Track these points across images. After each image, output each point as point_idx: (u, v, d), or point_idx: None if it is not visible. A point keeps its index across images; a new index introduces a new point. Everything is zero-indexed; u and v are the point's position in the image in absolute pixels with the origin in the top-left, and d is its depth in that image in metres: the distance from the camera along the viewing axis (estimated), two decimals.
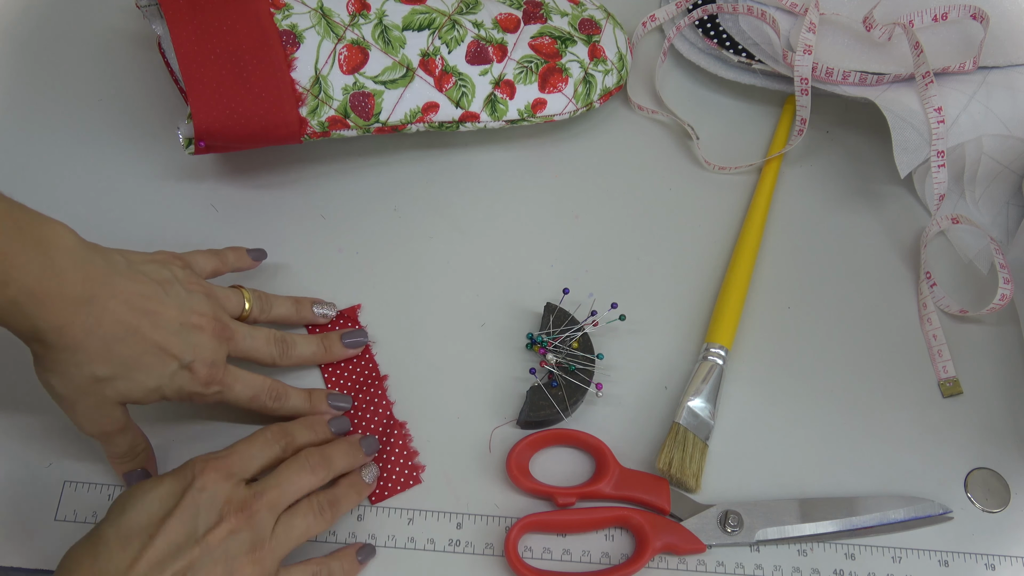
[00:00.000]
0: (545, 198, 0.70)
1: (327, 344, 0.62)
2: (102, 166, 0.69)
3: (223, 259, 0.61)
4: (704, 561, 0.58)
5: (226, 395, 0.56)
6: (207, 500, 0.50)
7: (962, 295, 0.68)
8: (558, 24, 0.70)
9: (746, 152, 0.73)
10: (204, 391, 0.55)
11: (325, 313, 0.63)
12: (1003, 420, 0.63)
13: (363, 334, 0.63)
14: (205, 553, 0.49)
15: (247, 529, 0.50)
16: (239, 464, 0.52)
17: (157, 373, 0.53)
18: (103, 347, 0.51)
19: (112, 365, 0.51)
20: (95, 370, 0.51)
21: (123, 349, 0.51)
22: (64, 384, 0.51)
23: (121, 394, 0.53)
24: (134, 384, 0.52)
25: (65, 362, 0.50)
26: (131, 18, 0.74)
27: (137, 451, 0.57)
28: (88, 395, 0.52)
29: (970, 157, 0.68)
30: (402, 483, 0.59)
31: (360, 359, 0.62)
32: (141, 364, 0.52)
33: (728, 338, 0.64)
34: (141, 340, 0.52)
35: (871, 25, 0.70)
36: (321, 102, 0.63)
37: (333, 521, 0.54)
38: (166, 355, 0.53)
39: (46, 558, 0.56)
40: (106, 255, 0.52)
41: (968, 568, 0.59)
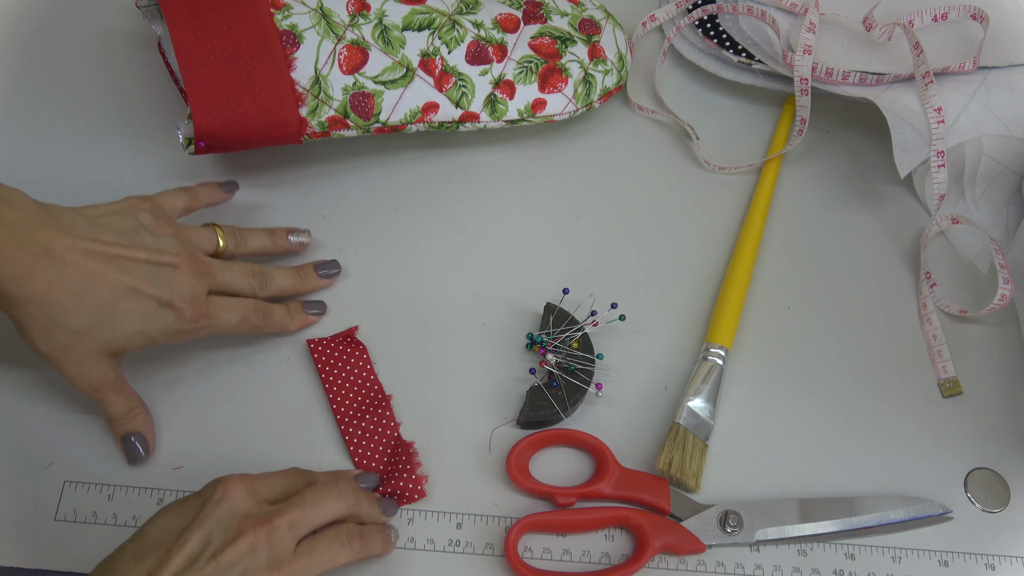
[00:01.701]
0: (545, 198, 0.70)
1: (303, 275, 0.63)
2: (102, 166, 0.69)
3: (194, 195, 0.61)
4: (704, 561, 0.58)
5: (215, 326, 0.56)
6: (226, 513, 0.49)
7: (962, 295, 0.68)
8: (558, 24, 0.70)
9: (746, 152, 0.73)
10: (193, 327, 0.55)
11: (301, 241, 0.64)
12: (1003, 420, 0.63)
13: (336, 265, 0.64)
14: (221, 568, 0.47)
15: (265, 546, 0.49)
16: (262, 485, 0.52)
17: (136, 316, 0.53)
18: (72, 298, 0.51)
19: (86, 315, 0.51)
20: (69, 322, 0.51)
21: (93, 298, 0.51)
22: (44, 341, 0.52)
23: (104, 344, 0.53)
24: (114, 332, 0.52)
25: (39, 318, 0.51)
26: (131, 18, 0.74)
27: (134, 413, 0.57)
28: (71, 349, 0.52)
29: (970, 157, 0.68)
30: (407, 498, 0.59)
31: (365, 381, 0.62)
32: (117, 310, 0.52)
33: (728, 338, 0.64)
34: (110, 286, 0.52)
35: (871, 25, 0.70)
36: (321, 102, 0.63)
37: (360, 555, 0.52)
38: (141, 296, 0.53)
39: (46, 558, 0.56)
40: (60, 212, 0.53)
41: (968, 568, 0.59)
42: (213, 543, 0.48)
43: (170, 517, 0.49)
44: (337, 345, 0.63)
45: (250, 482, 0.51)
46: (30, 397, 0.61)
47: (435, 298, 0.66)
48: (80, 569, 0.56)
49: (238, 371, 0.62)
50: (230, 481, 0.50)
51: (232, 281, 0.59)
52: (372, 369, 0.62)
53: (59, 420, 0.60)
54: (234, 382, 0.62)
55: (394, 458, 0.59)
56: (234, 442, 0.60)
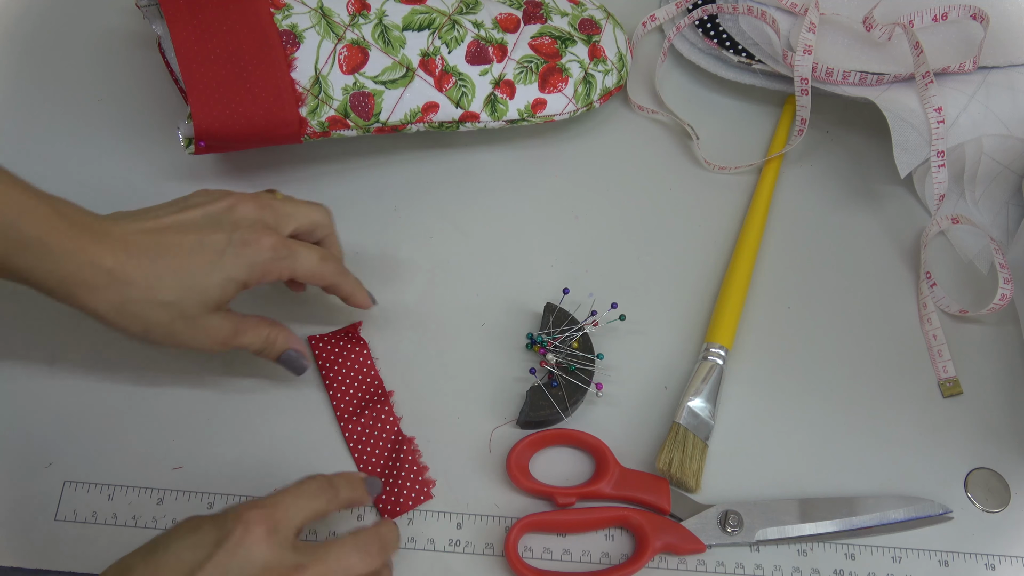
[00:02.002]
0: (545, 198, 0.70)
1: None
2: (102, 166, 0.69)
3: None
4: (704, 561, 0.58)
5: (297, 259, 0.55)
6: (242, 561, 0.46)
7: (962, 295, 0.68)
8: (558, 24, 0.70)
9: (746, 152, 0.73)
10: (274, 255, 0.54)
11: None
12: (1003, 420, 0.64)
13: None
14: None
15: None
16: (284, 516, 0.48)
17: (215, 265, 0.52)
18: (147, 275, 0.51)
19: (169, 286, 0.51)
20: (156, 297, 0.51)
21: (166, 267, 0.51)
22: (141, 325, 0.52)
23: (200, 304, 0.53)
24: (203, 290, 0.52)
25: (126, 304, 0.51)
26: (131, 18, 0.74)
27: (271, 338, 0.57)
28: (173, 323, 0.52)
29: (970, 157, 0.68)
30: (413, 499, 0.59)
31: (365, 377, 0.62)
32: (194, 268, 0.52)
33: (728, 338, 0.64)
34: (177, 248, 0.52)
35: (871, 25, 0.70)
36: (321, 102, 0.63)
37: None
38: (210, 244, 0.52)
39: (46, 558, 0.56)
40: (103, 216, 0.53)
41: (968, 568, 0.59)
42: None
43: (184, 547, 0.46)
44: (338, 341, 0.63)
45: (272, 520, 0.47)
46: (30, 397, 0.61)
47: (435, 298, 0.66)
48: (80, 569, 0.56)
49: (238, 369, 0.62)
50: (251, 520, 0.47)
51: (296, 212, 0.57)
52: (373, 364, 0.62)
53: (59, 420, 0.60)
54: (234, 381, 0.62)
55: (395, 454, 0.59)
56: (234, 441, 0.60)
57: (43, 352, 0.62)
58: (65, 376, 0.62)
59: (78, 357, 0.62)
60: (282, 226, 0.56)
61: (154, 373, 0.62)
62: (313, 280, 0.57)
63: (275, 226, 0.55)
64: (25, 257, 0.49)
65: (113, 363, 0.62)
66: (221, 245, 0.53)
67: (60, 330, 0.63)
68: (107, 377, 0.62)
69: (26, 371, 0.62)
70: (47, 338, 0.63)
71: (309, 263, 0.56)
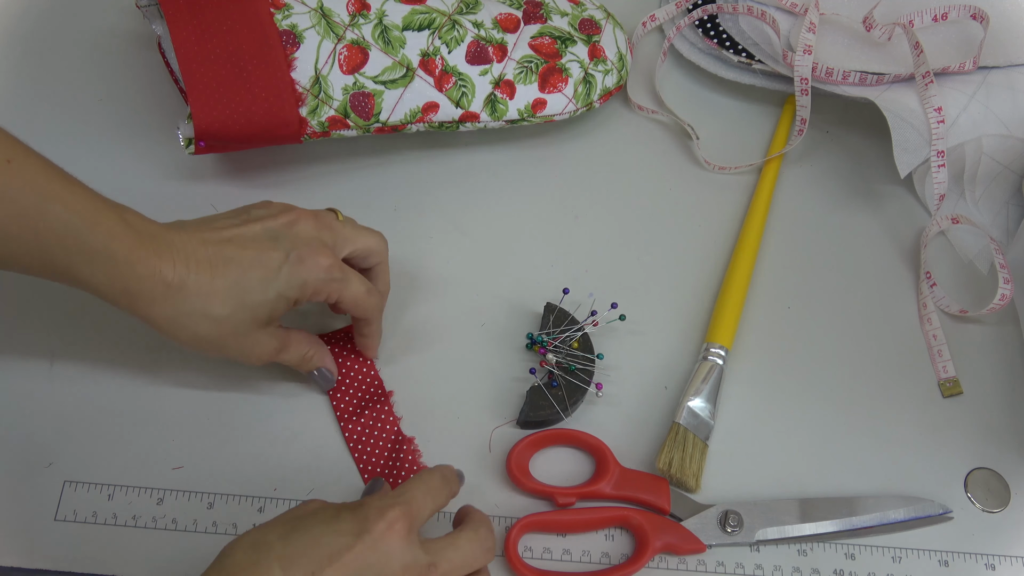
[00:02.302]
0: (545, 198, 0.70)
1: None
2: (102, 166, 0.69)
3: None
4: (704, 561, 0.58)
5: (347, 284, 0.55)
6: (382, 559, 0.47)
7: (962, 295, 0.68)
8: (558, 24, 0.70)
9: (746, 152, 0.73)
10: (327, 276, 0.54)
11: None
12: (1003, 420, 0.63)
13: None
14: None
15: None
16: (419, 514, 0.50)
17: (268, 283, 0.52)
18: (203, 287, 0.51)
19: (222, 300, 0.52)
20: (209, 310, 0.52)
21: (222, 281, 0.52)
22: (192, 336, 0.52)
23: (249, 321, 0.53)
24: (254, 306, 0.53)
25: (180, 314, 0.51)
26: (131, 18, 0.74)
27: (309, 356, 0.58)
28: (223, 337, 0.53)
29: (970, 157, 0.68)
30: None
31: (365, 377, 0.62)
32: (248, 284, 0.52)
33: (728, 338, 0.64)
34: (235, 263, 0.52)
35: (871, 25, 0.70)
36: (321, 102, 0.63)
37: None
38: (266, 261, 0.53)
39: (46, 558, 0.56)
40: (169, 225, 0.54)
41: (968, 568, 0.59)
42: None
43: (322, 532, 0.47)
44: (339, 341, 0.63)
45: (410, 518, 0.48)
46: (30, 397, 0.61)
47: (435, 298, 0.66)
48: (80, 569, 0.56)
49: (238, 369, 0.62)
50: (393, 518, 0.48)
51: (354, 238, 0.57)
52: (373, 364, 0.62)
53: (59, 420, 0.60)
54: (234, 381, 0.62)
55: (395, 454, 0.59)
56: (234, 441, 0.60)
57: (43, 352, 0.62)
58: (65, 376, 0.62)
59: (78, 357, 0.62)
60: (339, 248, 0.56)
61: (154, 373, 0.62)
62: (354, 310, 0.57)
63: (332, 247, 0.55)
64: (90, 267, 0.50)
65: (113, 363, 0.62)
66: (277, 262, 0.53)
67: (60, 330, 0.63)
68: (107, 377, 0.62)
69: (26, 371, 0.62)
70: (47, 338, 0.63)
71: (357, 292, 0.56)
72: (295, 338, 0.58)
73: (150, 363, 0.62)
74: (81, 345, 0.62)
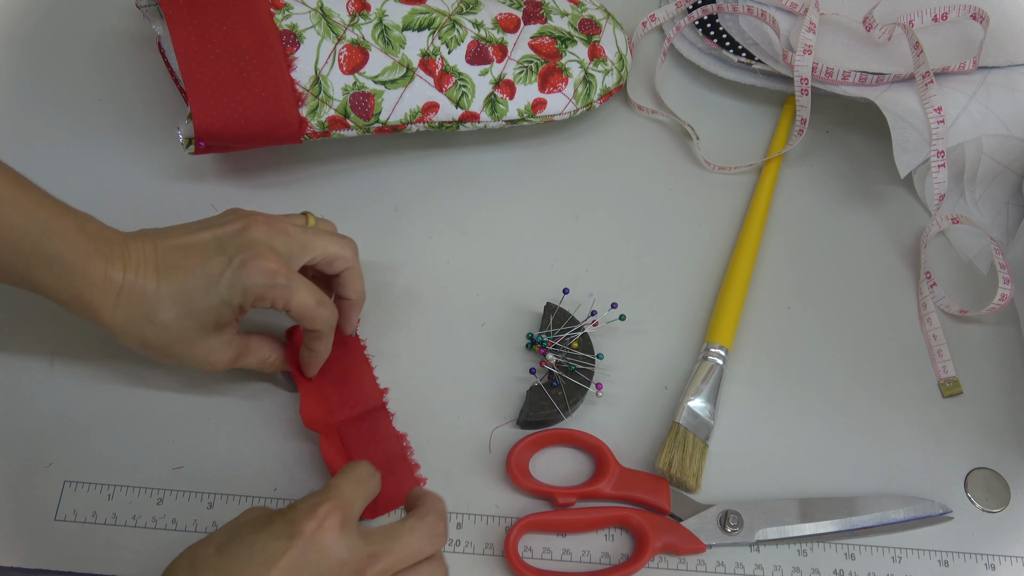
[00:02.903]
0: (545, 198, 0.70)
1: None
2: (102, 166, 0.69)
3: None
4: (704, 561, 0.58)
5: (292, 292, 0.53)
6: (318, 557, 0.46)
7: (962, 295, 0.68)
8: (558, 24, 0.70)
9: (746, 152, 0.73)
10: (271, 281, 0.52)
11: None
12: (1003, 420, 0.63)
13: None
14: None
15: None
16: (351, 506, 0.48)
17: (213, 288, 0.52)
18: (151, 293, 0.52)
19: (168, 306, 0.52)
20: (157, 317, 0.52)
21: (168, 287, 0.52)
22: (142, 341, 0.53)
23: (198, 327, 0.53)
24: (200, 313, 0.53)
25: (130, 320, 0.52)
26: (131, 18, 0.74)
27: (271, 362, 0.58)
28: (172, 344, 0.54)
29: (970, 157, 0.68)
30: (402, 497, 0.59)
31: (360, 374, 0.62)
32: (193, 290, 0.52)
33: (728, 338, 0.64)
34: (181, 270, 0.53)
35: (871, 25, 0.70)
36: (321, 102, 0.63)
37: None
38: (210, 267, 0.53)
39: (46, 558, 0.56)
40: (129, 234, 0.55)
41: (968, 568, 0.59)
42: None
43: (255, 539, 0.46)
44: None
45: (341, 511, 0.47)
46: (30, 397, 0.61)
47: (435, 298, 0.66)
48: (80, 569, 0.56)
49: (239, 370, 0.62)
50: (323, 514, 0.47)
51: (313, 245, 0.55)
52: (367, 360, 0.62)
53: (59, 420, 0.60)
54: (234, 381, 0.62)
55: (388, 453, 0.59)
56: (234, 441, 0.60)
57: (43, 352, 0.62)
58: (65, 376, 0.62)
59: (78, 357, 0.62)
60: (296, 254, 0.55)
61: (154, 373, 0.62)
62: (301, 320, 0.55)
63: (286, 253, 0.54)
64: (46, 273, 0.51)
65: (113, 363, 0.62)
66: (220, 268, 0.53)
67: (60, 330, 0.63)
68: (107, 377, 0.62)
69: (26, 371, 0.62)
70: (47, 338, 0.63)
71: (304, 301, 0.54)
72: (254, 344, 0.58)
73: (150, 363, 0.62)
74: (81, 345, 0.62)
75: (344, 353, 0.62)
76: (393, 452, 0.59)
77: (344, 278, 0.58)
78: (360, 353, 0.63)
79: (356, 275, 0.59)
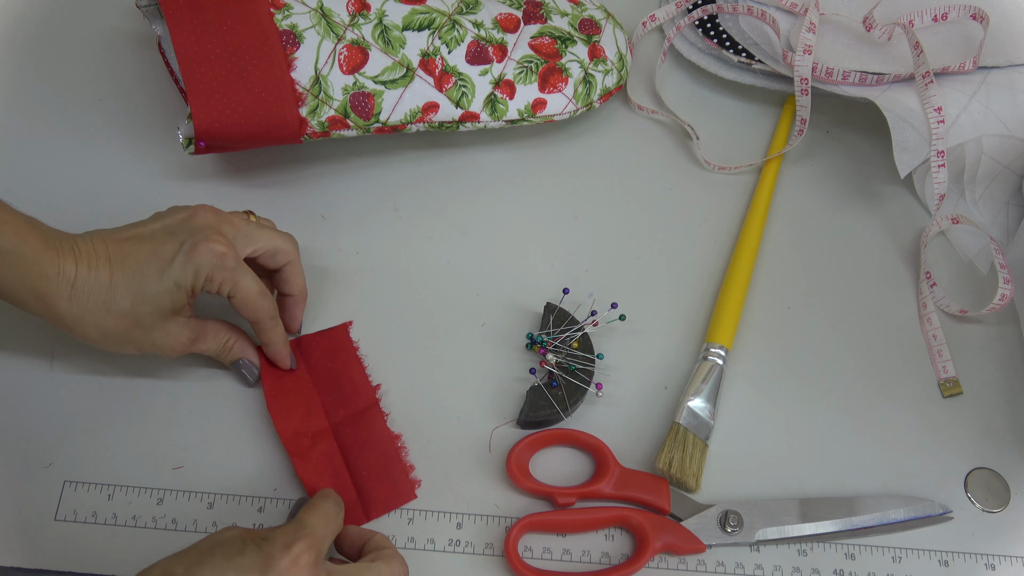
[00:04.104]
0: (545, 198, 0.70)
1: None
2: (102, 166, 0.69)
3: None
4: (704, 561, 0.58)
5: (239, 279, 0.55)
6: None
7: (962, 295, 0.68)
8: (558, 24, 0.70)
9: (746, 152, 0.73)
10: (222, 263, 0.54)
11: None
12: (1003, 420, 0.63)
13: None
14: None
15: None
16: (323, 543, 0.50)
17: (165, 273, 0.54)
18: (103, 284, 0.53)
19: (122, 294, 0.53)
20: (112, 306, 0.53)
21: (121, 276, 0.53)
22: (101, 334, 0.54)
23: (153, 311, 0.54)
24: (155, 297, 0.54)
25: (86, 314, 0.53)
26: (131, 18, 0.74)
27: (229, 346, 0.59)
28: (130, 331, 0.54)
29: (970, 157, 0.68)
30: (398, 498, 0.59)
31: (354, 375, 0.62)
32: (146, 275, 0.53)
33: (728, 338, 0.64)
34: (132, 259, 0.54)
35: (871, 25, 0.70)
36: (321, 102, 0.63)
37: None
38: (161, 252, 0.54)
39: (46, 558, 0.56)
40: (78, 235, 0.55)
41: (968, 568, 0.59)
42: None
43: (227, 567, 0.46)
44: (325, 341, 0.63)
45: (315, 549, 0.48)
46: (30, 397, 0.61)
47: (435, 298, 0.66)
48: (80, 569, 0.56)
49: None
50: (298, 550, 0.47)
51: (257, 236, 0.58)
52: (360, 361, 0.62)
53: (59, 420, 0.60)
54: (234, 381, 0.62)
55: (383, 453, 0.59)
56: (234, 441, 0.60)
57: (43, 352, 0.62)
58: (65, 376, 0.62)
59: (78, 357, 0.62)
60: (240, 244, 0.57)
61: (154, 373, 0.62)
62: (244, 308, 0.57)
63: (232, 240, 0.56)
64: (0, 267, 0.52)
65: (113, 363, 0.62)
66: (172, 252, 0.54)
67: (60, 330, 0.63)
68: (107, 377, 0.62)
69: (26, 371, 0.62)
70: (47, 338, 0.63)
71: (249, 288, 0.56)
72: (212, 328, 0.58)
73: (150, 363, 0.62)
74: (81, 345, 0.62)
75: (336, 355, 0.62)
76: (388, 453, 0.59)
77: (286, 272, 0.60)
78: (352, 353, 0.63)
79: (297, 270, 0.61)
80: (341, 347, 0.62)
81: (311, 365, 0.62)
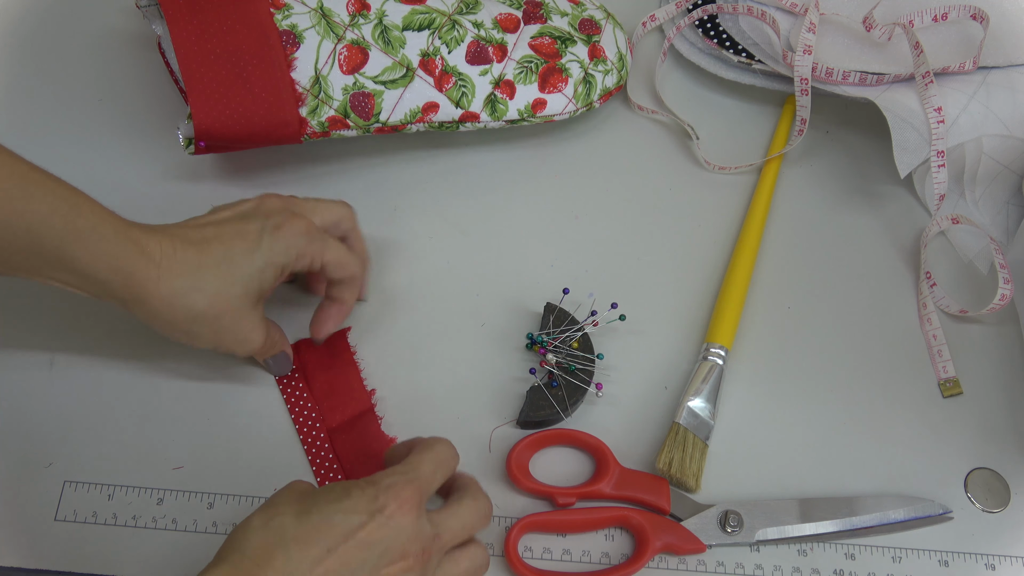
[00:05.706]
0: (545, 198, 0.70)
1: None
2: (102, 166, 0.69)
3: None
4: (704, 561, 0.58)
5: (327, 250, 0.56)
6: (393, 534, 0.48)
7: (962, 295, 0.68)
8: (558, 24, 0.70)
9: (746, 152, 0.73)
10: (309, 238, 0.55)
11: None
12: (1003, 420, 0.63)
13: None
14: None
15: (418, 569, 0.49)
16: (429, 488, 0.51)
17: (253, 250, 0.53)
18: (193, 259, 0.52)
19: (215, 272, 0.52)
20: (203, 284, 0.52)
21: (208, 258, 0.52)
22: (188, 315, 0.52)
23: (244, 293, 0.53)
24: (244, 278, 0.53)
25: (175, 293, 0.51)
26: (131, 18, 0.74)
27: (272, 340, 0.59)
28: (223, 315, 0.53)
29: (970, 157, 0.68)
30: None
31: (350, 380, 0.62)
32: (234, 256, 0.53)
33: (728, 338, 0.64)
34: (216, 242, 0.53)
35: (871, 25, 0.70)
36: (321, 102, 0.63)
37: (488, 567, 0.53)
38: (246, 232, 0.54)
39: (46, 558, 0.56)
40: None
41: (968, 568, 0.59)
42: (369, 562, 0.47)
43: (335, 510, 0.47)
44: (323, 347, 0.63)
45: (421, 494, 0.49)
46: (30, 397, 0.61)
47: (435, 298, 0.66)
48: (80, 569, 0.56)
49: (239, 370, 0.62)
50: (405, 497, 0.48)
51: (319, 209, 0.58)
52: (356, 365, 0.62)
53: (59, 420, 0.60)
54: (235, 381, 0.62)
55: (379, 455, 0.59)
56: (234, 441, 0.60)
57: (43, 352, 0.62)
58: (65, 376, 0.62)
59: (78, 357, 0.62)
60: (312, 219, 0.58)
61: (154, 373, 0.62)
62: (338, 270, 0.58)
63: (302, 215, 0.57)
64: (80, 246, 0.49)
65: (113, 363, 0.62)
66: (257, 232, 0.54)
67: (60, 330, 0.63)
68: (107, 377, 0.62)
69: (26, 371, 0.62)
70: (47, 338, 0.63)
71: (339, 251, 0.57)
72: (272, 327, 0.59)
73: (150, 363, 0.62)
74: (81, 345, 0.62)
75: (332, 360, 0.62)
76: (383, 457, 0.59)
77: (350, 240, 0.61)
78: (349, 358, 0.62)
79: (359, 236, 0.62)
80: (338, 353, 0.62)
81: (307, 371, 0.62)
